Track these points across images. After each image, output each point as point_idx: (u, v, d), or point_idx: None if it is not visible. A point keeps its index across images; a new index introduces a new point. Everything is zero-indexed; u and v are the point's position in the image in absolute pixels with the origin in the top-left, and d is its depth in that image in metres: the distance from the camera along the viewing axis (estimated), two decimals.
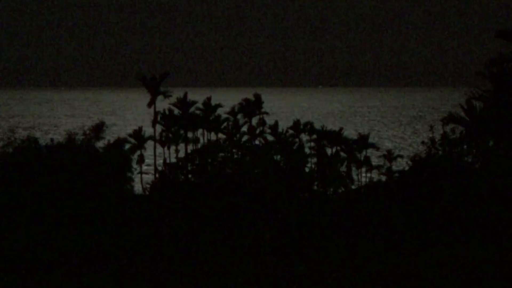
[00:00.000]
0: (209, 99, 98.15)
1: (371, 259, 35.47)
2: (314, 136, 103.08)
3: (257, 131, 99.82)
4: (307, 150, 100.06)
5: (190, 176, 78.08)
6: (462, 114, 67.89)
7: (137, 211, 66.16)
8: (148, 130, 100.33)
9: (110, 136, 73.43)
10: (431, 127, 67.06)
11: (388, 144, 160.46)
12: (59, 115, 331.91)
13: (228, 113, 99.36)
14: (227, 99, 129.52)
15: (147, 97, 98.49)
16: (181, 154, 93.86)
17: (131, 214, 64.90)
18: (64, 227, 58.39)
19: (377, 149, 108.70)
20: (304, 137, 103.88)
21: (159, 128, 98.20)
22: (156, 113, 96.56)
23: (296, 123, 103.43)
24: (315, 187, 74.61)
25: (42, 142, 70.21)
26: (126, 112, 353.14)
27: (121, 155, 72.72)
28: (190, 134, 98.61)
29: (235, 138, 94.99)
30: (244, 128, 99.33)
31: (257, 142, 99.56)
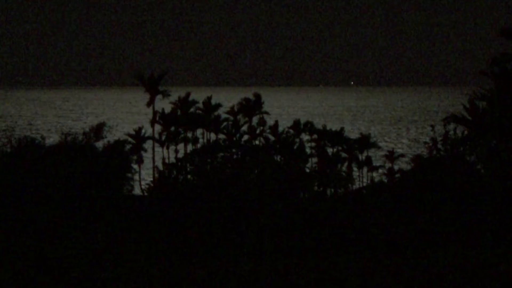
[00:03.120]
0: (209, 98, 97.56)
1: (372, 261, 35.08)
2: (315, 136, 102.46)
3: (257, 131, 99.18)
4: (307, 150, 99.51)
5: (189, 176, 77.54)
6: (465, 113, 67.32)
7: (135, 212, 65.69)
8: (147, 130, 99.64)
9: (108, 136, 72.87)
10: (433, 127, 66.65)
11: (389, 144, 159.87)
12: (57, 114, 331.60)
13: (228, 112, 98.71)
14: (227, 99, 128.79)
15: (145, 97, 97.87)
16: (181, 154, 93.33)
17: (130, 214, 64.41)
18: (62, 227, 57.93)
19: (378, 148, 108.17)
20: (305, 136, 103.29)
21: (158, 128, 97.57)
22: (155, 113, 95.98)
23: (297, 122, 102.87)
24: (316, 188, 74.08)
25: (39, 142, 69.72)
26: (125, 112, 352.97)
27: (121, 155, 72.25)
28: (189, 134, 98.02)
29: (235, 138, 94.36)
30: (244, 128, 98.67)
31: (257, 142, 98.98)
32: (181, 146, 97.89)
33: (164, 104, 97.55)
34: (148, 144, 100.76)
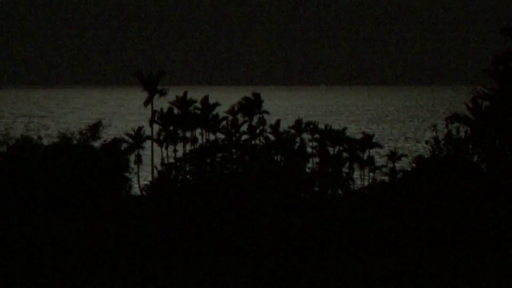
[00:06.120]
0: (206, 97, 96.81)
1: (373, 260, 34.49)
2: (317, 136, 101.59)
3: (257, 131, 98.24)
4: (309, 150, 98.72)
5: (188, 176, 76.75)
6: (467, 113, 66.62)
7: (134, 212, 64.99)
8: (144, 130, 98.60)
9: (104, 135, 72.17)
10: (434, 126, 66.04)
11: (391, 144, 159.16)
12: (54, 114, 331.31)
13: (228, 112, 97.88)
14: (227, 98, 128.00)
15: (142, 96, 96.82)
16: (180, 154, 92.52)
17: (129, 215, 63.71)
18: (61, 227, 57.24)
19: (381, 147, 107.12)
20: (306, 136, 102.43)
21: (156, 127, 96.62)
22: (153, 112, 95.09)
23: (298, 122, 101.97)
24: (316, 188, 73.28)
25: (37, 142, 69.07)
26: (122, 111, 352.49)
27: (118, 155, 71.57)
28: (188, 134, 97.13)
29: (234, 138, 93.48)
30: (244, 128, 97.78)
31: (257, 141, 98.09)
32: (180, 146, 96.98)
33: (161, 104, 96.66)
34: (146, 144, 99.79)
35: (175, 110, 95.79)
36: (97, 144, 71.77)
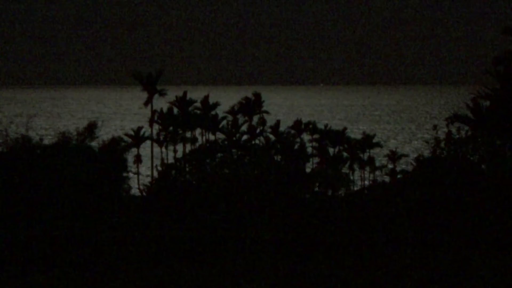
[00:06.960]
0: (206, 97, 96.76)
1: (373, 261, 34.39)
2: (316, 136, 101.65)
3: (258, 131, 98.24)
4: (309, 150, 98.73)
5: (188, 176, 76.82)
6: (468, 113, 66.64)
7: (134, 213, 65.00)
8: (144, 130, 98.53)
9: (104, 136, 72.13)
10: (435, 126, 65.99)
11: (391, 144, 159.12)
12: (53, 114, 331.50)
13: (228, 112, 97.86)
14: (227, 98, 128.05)
15: (141, 96, 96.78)
16: (180, 154, 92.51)
17: (128, 215, 63.71)
18: (59, 228, 57.23)
19: (381, 147, 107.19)
20: (306, 136, 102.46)
21: (156, 127, 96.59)
22: (153, 112, 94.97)
23: (298, 122, 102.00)
24: (316, 188, 73.39)
25: (36, 141, 69.10)
26: (122, 111, 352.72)
27: (116, 154, 71.60)
28: (188, 134, 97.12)
29: (234, 138, 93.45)
30: (244, 128, 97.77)
31: (257, 141, 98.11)
32: (180, 146, 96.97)
33: (161, 104, 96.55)
34: (146, 144, 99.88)
35: (175, 110, 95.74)
36: (94, 143, 71.85)
